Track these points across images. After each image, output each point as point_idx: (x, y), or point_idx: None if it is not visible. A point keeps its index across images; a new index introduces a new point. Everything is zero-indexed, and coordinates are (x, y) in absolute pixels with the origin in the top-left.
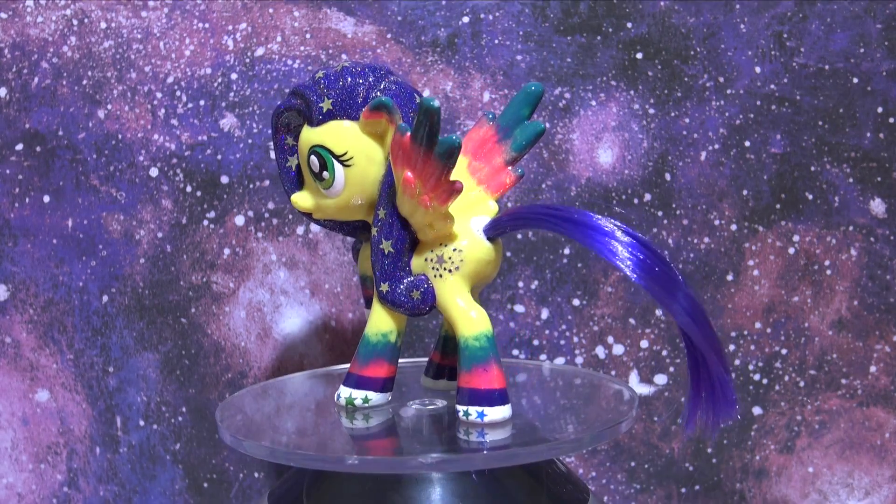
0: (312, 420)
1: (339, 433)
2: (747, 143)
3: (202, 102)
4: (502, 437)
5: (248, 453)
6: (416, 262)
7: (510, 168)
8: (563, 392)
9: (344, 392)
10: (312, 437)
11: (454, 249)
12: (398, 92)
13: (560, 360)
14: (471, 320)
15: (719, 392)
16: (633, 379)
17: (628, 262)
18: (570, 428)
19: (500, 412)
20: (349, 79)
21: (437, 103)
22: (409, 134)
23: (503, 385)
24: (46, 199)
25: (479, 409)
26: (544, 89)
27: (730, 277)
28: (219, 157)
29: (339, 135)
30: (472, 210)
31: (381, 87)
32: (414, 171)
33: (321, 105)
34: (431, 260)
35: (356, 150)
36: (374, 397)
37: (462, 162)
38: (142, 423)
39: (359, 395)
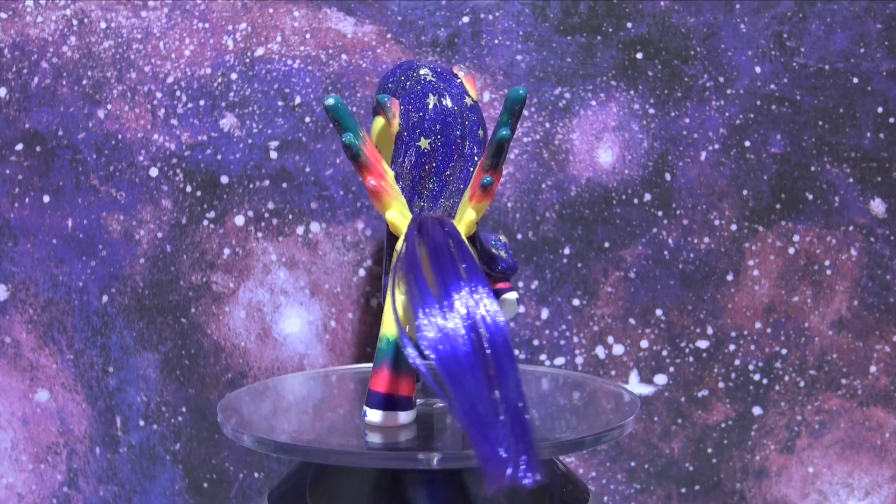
0: (312, 417)
1: (340, 429)
2: (747, 143)
3: (202, 102)
4: (381, 440)
5: (251, 447)
6: None
7: (483, 175)
8: (562, 394)
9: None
10: (312, 433)
11: (395, 250)
12: (410, 91)
13: (560, 361)
14: (384, 321)
15: (483, 467)
16: (634, 379)
17: (423, 343)
18: (571, 429)
19: (377, 415)
20: (387, 75)
21: (330, 101)
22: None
23: (386, 390)
24: (46, 199)
25: (364, 407)
26: (526, 94)
27: (730, 277)
28: (219, 157)
29: (374, 129)
30: (459, 216)
31: (407, 85)
32: None
33: (374, 100)
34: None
35: (381, 144)
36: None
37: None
38: (142, 423)
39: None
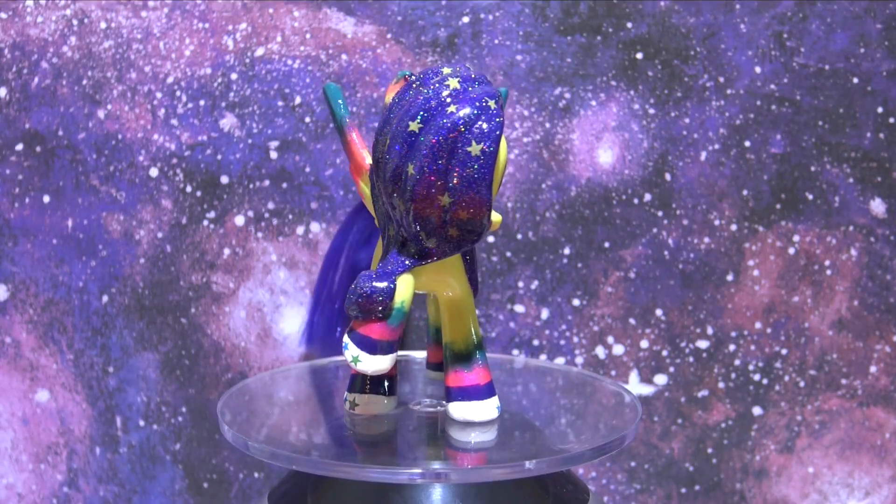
0: (313, 417)
1: (340, 434)
2: (747, 143)
3: (202, 102)
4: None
5: (252, 454)
6: None
7: None
8: (563, 394)
9: None
10: (314, 439)
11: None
12: None
13: (560, 361)
14: None
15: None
16: (634, 379)
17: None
18: (576, 439)
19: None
20: None
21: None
22: None
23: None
24: (46, 199)
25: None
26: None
27: (730, 277)
28: (219, 157)
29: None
30: None
31: None
32: None
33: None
34: None
35: None
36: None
37: None
38: (142, 423)
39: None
